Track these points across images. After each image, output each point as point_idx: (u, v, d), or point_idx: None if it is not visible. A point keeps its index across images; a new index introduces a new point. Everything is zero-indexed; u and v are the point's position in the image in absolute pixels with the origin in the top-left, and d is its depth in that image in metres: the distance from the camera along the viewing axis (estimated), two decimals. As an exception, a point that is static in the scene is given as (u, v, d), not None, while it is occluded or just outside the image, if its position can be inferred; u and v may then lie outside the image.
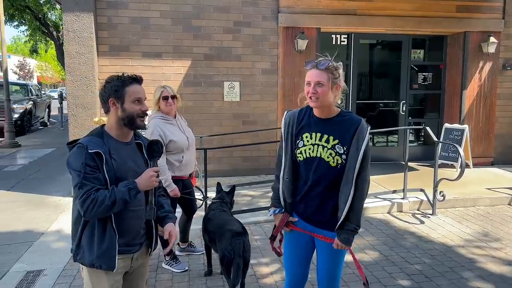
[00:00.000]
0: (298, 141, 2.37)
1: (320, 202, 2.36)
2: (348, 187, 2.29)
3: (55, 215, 5.73)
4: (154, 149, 2.18)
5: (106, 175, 2.04)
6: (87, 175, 1.99)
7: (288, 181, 2.42)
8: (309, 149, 2.32)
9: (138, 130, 2.26)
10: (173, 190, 3.73)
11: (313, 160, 2.32)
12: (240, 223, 3.61)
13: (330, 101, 2.31)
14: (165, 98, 3.76)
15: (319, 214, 2.38)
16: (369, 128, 2.33)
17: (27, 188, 7.13)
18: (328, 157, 2.29)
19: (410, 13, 7.71)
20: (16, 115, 13.85)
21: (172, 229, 2.26)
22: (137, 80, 2.14)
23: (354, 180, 2.27)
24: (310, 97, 2.28)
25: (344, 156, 2.28)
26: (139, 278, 2.36)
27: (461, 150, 5.68)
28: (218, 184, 4.22)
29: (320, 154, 2.30)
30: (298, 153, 2.36)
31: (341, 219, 2.32)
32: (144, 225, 2.24)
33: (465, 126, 7.83)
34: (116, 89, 2.09)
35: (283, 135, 2.45)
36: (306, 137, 2.35)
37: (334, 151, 2.28)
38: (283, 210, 2.48)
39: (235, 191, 4.24)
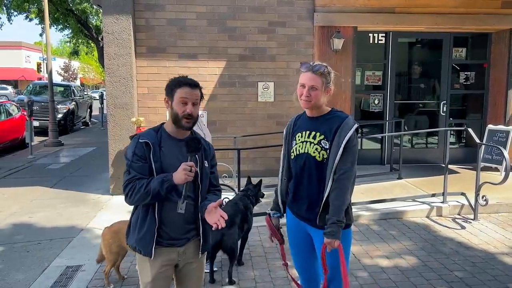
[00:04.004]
0: (292, 142, 2.50)
1: (310, 198, 2.41)
2: (327, 181, 2.33)
3: (94, 212, 5.90)
4: (190, 144, 2.22)
5: (153, 165, 2.15)
6: (133, 163, 2.15)
7: (285, 181, 2.57)
8: (299, 146, 2.44)
9: (196, 130, 2.38)
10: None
11: (302, 156, 2.42)
12: (232, 215, 3.76)
13: (321, 103, 2.40)
14: None
15: (311, 212, 2.41)
16: (355, 125, 2.33)
17: (68, 186, 7.39)
18: (314, 152, 2.37)
19: (452, 10, 7.43)
20: (59, 115, 14.47)
21: (212, 204, 2.20)
22: (189, 84, 2.22)
23: (332, 175, 2.31)
24: (303, 99, 2.37)
25: (328, 151, 2.34)
26: (193, 279, 2.39)
27: (505, 153, 5.41)
28: (248, 178, 4.43)
29: (307, 150, 2.39)
30: (291, 152, 2.49)
31: (319, 213, 2.37)
32: (191, 220, 2.26)
33: (510, 128, 7.46)
34: (170, 89, 2.23)
35: (283, 140, 2.60)
36: (298, 136, 2.47)
37: (319, 146, 2.36)
38: (279, 214, 2.63)
39: (266, 187, 4.43)
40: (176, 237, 2.23)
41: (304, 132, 2.44)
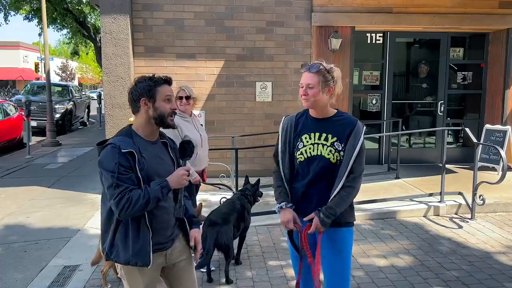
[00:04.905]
0: (297, 144, 2.46)
1: (320, 199, 2.41)
2: (339, 180, 2.36)
3: (91, 212, 5.90)
4: (186, 148, 2.21)
5: (139, 173, 2.06)
6: (120, 175, 2.01)
7: (286, 182, 2.52)
8: (309, 148, 2.41)
9: (162, 130, 2.30)
10: (195, 178, 3.92)
11: (314, 158, 2.40)
12: (226, 214, 3.86)
13: (323, 102, 2.40)
14: (179, 98, 4.00)
15: (316, 207, 2.41)
16: (364, 128, 2.42)
17: (66, 186, 7.38)
18: (328, 154, 2.37)
19: (449, 10, 7.45)
20: (57, 115, 14.45)
21: (197, 235, 2.33)
22: (168, 81, 2.20)
23: (345, 175, 2.35)
24: (302, 99, 2.41)
25: (342, 153, 2.37)
26: (185, 277, 2.37)
27: (502, 152, 5.43)
28: (246, 177, 4.48)
29: (321, 152, 2.38)
30: (299, 154, 2.44)
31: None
32: (174, 221, 2.27)
33: (508, 127, 7.48)
34: (149, 88, 2.13)
35: (281, 138, 2.54)
36: (305, 138, 2.44)
37: (333, 148, 2.37)
38: (292, 204, 2.48)
39: (263, 186, 4.52)
40: (164, 241, 2.21)
41: (312, 134, 2.42)
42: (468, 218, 5.50)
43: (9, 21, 20.21)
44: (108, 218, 2.15)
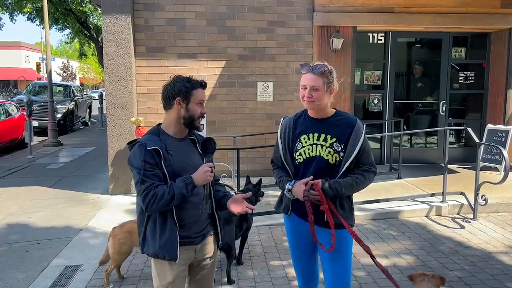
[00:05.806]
0: (296, 144, 2.44)
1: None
2: (337, 175, 2.35)
3: (93, 212, 5.90)
4: (208, 145, 2.27)
5: (165, 170, 2.14)
6: (146, 172, 2.10)
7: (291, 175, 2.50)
8: (308, 149, 2.39)
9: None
10: None
11: (313, 159, 2.38)
12: (228, 213, 3.95)
13: (325, 104, 2.39)
14: None
15: (318, 211, 2.37)
16: (364, 126, 2.41)
17: (68, 185, 7.38)
18: (327, 155, 2.35)
19: (451, 9, 7.43)
20: (59, 115, 14.47)
21: (235, 196, 2.35)
22: (203, 85, 2.28)
23: (343, 170, 2.34)
24: (306, 101, 2.36)
25: (342, 154, 2.35)
26: (206, 276, 2.42)
27: (505, 152, 5.42)
28: (247, 177, 4.48)
29: (319, 152, 2.37)
30: (298, 155, 2.42)
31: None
32: (206, 217, 2.32)
33: (510, 127, 7.46)
34: (186, 90, 2.20)
35: (280, 141, 2.51)
36: (304, 138, 2.42)
37: (332, 149, 2.35)
38: (294, 180, 2.40)
39: (265, 186, 4.49)
40: (194, 235, 2.26)
41: (311, 134, 2.40)
42: (470, 218, 5.49)
43: (15, 20, 20.31)
44: (141, 213, 2.24)
